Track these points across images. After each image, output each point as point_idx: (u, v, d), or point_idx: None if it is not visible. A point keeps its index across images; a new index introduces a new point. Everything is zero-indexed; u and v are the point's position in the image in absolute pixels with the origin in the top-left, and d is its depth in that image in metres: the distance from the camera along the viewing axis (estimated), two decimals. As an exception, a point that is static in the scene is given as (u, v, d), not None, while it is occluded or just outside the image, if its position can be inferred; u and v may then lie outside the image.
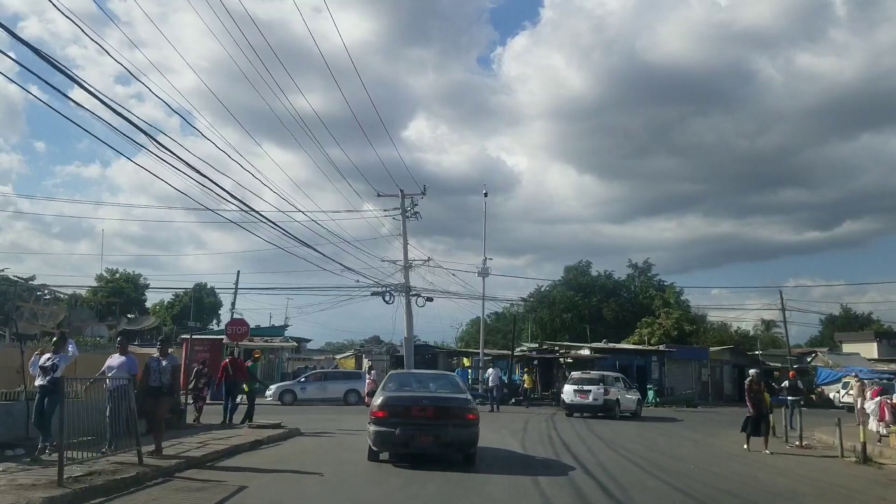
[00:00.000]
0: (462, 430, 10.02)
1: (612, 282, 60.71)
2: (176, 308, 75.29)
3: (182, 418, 15.76)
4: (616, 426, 20.15)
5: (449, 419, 10.01)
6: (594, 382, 23.58)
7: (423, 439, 9.84)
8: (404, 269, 33.77)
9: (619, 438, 16.25)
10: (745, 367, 42.74)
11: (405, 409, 10.08)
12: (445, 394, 10.96)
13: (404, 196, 33.92)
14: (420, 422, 9.92)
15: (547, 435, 16.55)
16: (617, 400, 23.45)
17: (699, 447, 15.38)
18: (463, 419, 10.12)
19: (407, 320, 33.56)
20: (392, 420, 9.91)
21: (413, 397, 10.63)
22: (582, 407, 23.20)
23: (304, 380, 28.97)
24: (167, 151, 10.91)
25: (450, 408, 10.22)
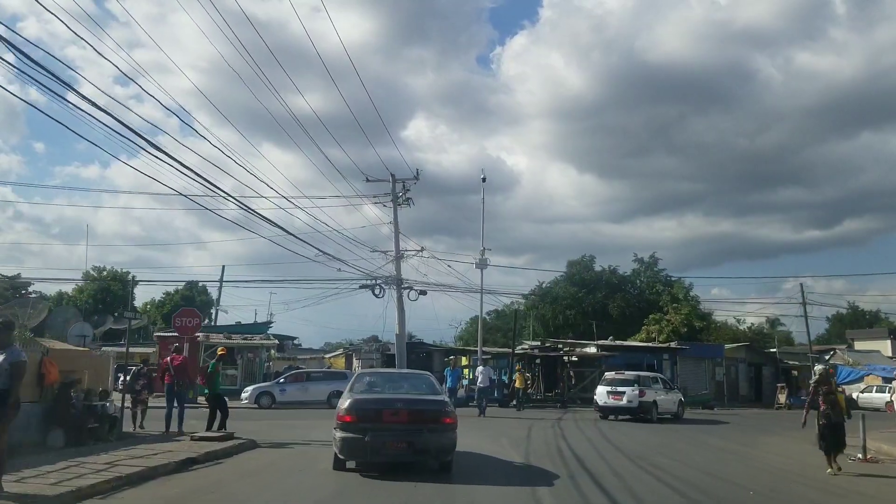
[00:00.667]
0: (439, 435, 9.10)
1: (617, 277, 57.98)
2: (166, 307, 72.93)
3: (116, 427, 13.16)
4: (638, 433, 17.49)
5: (424, 423, 9.10)
6: (628, 383, 22.16)
7: (395, 446, 8.97)
8: (395, 259, 31.14)
9: (644, 449, 13.62)
10: (761, 366, 40.44)
11: (376, 412, 9.17)
12: (420, 395, 10.03)
13: (395, 181, 31.30)
14: (392, 427, 9.04)
15: (555, 446, 13.89)
16: (654, 402, 21.92)
17: (744, 462, 12.69)
18: (439, 423, 9.19)
19: (398, 315, 30.92)
20: (361, 425, 8.94)
21: (384, 399, 9.71)
22: (616, 409, 22.03)
23: (283, 381, 26.36)
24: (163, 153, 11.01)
25: (425, 411, 9.33)
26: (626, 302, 55.84)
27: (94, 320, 56.78)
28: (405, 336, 31.05)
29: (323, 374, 28.06)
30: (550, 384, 34.50)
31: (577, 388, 33.70)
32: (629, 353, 36.98)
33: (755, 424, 22.28)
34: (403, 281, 31.23)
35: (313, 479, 9.22)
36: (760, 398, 38.15)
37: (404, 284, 31.11)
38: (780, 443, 16.10)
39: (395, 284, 30.86)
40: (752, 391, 38.47)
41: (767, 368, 39.38)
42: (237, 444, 11.81)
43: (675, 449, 14.06)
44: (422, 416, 9.20)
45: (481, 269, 33.29)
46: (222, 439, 11.95)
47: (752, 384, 39.13)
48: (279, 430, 16.35)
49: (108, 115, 10.03)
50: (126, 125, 10.64)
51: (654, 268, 58.19)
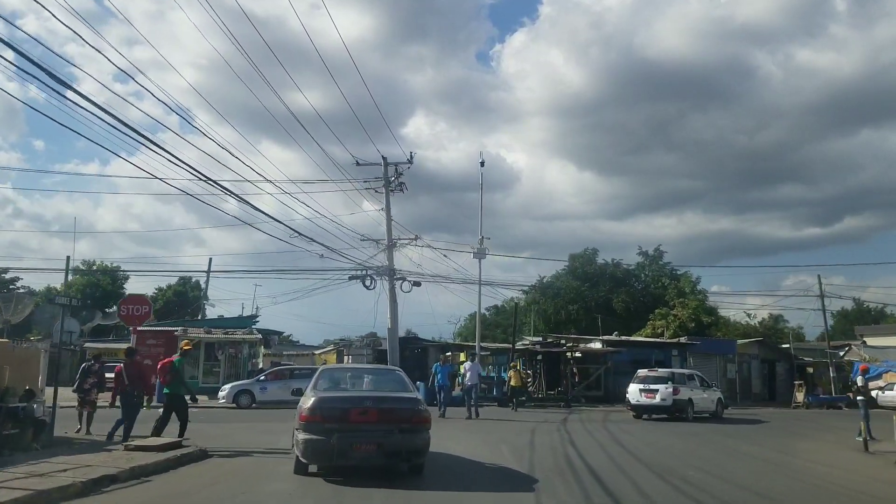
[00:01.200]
0: (412, 436, 8.48)
1: (621, 270, 55.92)
2: (159, 302, 71.23)
3: (44, 433, 11.13)
4: (661, 438, 15.45)
5: (396, 423, 8.46)
6: (662, 381, 21.27)
7: (364, 448, 8.28)
8: (387, 248, 29.10)
9: (669, 458, 11.58)
10: (775, 363, 38.38)
11: (342, 411, 8.45)
12: (390, 393, 9.37)
13: (387, 164, 29.26)
14: (361, 427, 8.37)
15: (562, 452, 11.84)
16: (689, 400, 21.03)
17: (790, 475, 10.63)
18: (411, 423, 8.56)
19: (390, 308, 28.90)
20: (326, 426, 8.25)
21: (352, 398, 9.05)
22: (649, 408, 21.17)
23: (263, 378, 24.31)
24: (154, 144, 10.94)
25: (397, 410, 8.67)
26: (631, 296, 53.86)
27: (82, 316, 54.91)
28: (397, 330, 29.06)
29: (308, 370, 25.89)
30: (553, 382, 32.48)
31: (581, 385, 31.70)
32: (636, 348, 34.98)
33: (783, 426, 20.24)
34: (396, 272, 29.23)
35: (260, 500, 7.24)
36: (774, 396, 36.14)
37: (397, 275, 29.11)
38: (821, 449, 14.12)
39: (387, 275, 28.87)
40: (766, 389, 36.42)
41: (781, 365, 37.33)
42: (179, 455, 9.74)
43: (704, 458, 12.01)
44: (393, 415, 8.52)
45: (479, 260, 31.29)
46: (163, 448, 9.90)
47: (766, 382, 37.08)
48: (250, 434, 14.39)
49: (107, 113, 9.90)
50: (125, 122, 10.40)
51: (658, 261, 56.16)
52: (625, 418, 21.15)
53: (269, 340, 33.84)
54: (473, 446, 12.49)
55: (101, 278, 76.22)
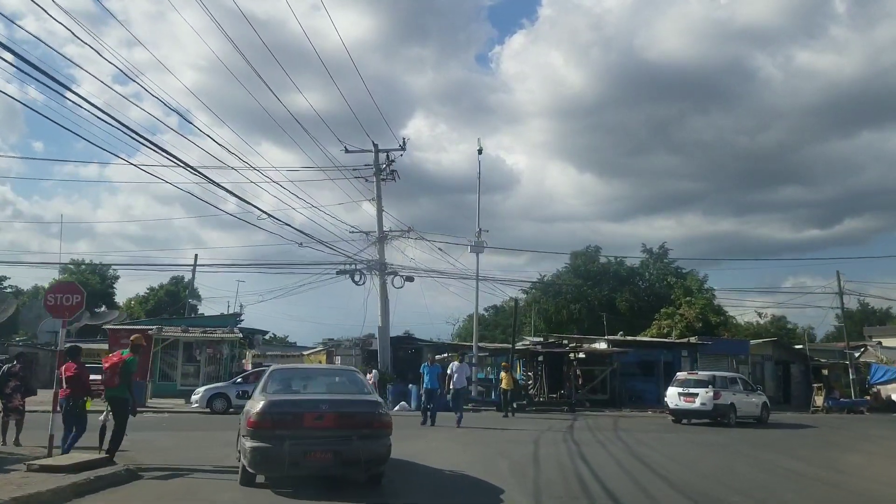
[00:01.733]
0: (372, 442, 7.81)
1: (624, 269, 53.95)
2: (150, 302, 69.43)
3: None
4: (687, 451, 13.45)
5: (354, 428, 7.79)
6: (702, 384, 20.30)
7: (319, 456, 7.58)
8: (378, 240, 27.15)
9: (701, 479, 9.60)
10: (789, 364, 36.39)
11: (296, 416, 7.73)
12: (348, 395, 8.71)
13: (378, 151, 27.36)
14: (316, 433, 7.68)
15: (574, 472, 9.84)
16: (731, 404, 20.09)
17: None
18: (371, 428, 7.93)
19: (381, 305, 27.00)
20: (277, 432, 7.51)
21: (306, 401, 8.30)
22: (689, 412, 20.27)
23: (240, 381, 22.31)
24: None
25: (356, 414, 7.99)
26: (635, 295, 51.94)
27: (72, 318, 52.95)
28: (388, 329, 27.14)
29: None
30: (555, 384, 30.46)
31: (585, 388, 29.71)
32: (643, 349, 33.05)
33: (820, 435, 18.21)
34: (387, 266, 27.29)
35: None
36: (790, 399, 34.12)
37: (388, 269, 27.17)
38: (873, 464, 12.14)
39: (377, 269, 26.93)
40: (781, 392, 34.35)
41: (796, 367, 35.32)
42: (94, 477, 7.73)
43: (744, 478, 10.01)
44: (352, 419, 7.85)
45: (477, 254, 29.33)
46: (76, 469, 7.91)
47: (781, 384, 35.06)
48: (208, 446, 12.40)
49: (107, 115, 9.77)
50: (123, 124, 10.17)
51: (663, 259, 54.20)
52: (636, 425, 19.16)
53: (252, 340, 31.85)
54: (465, 460, 10.54)
55: (90, 277, 74.40)
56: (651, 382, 31.94)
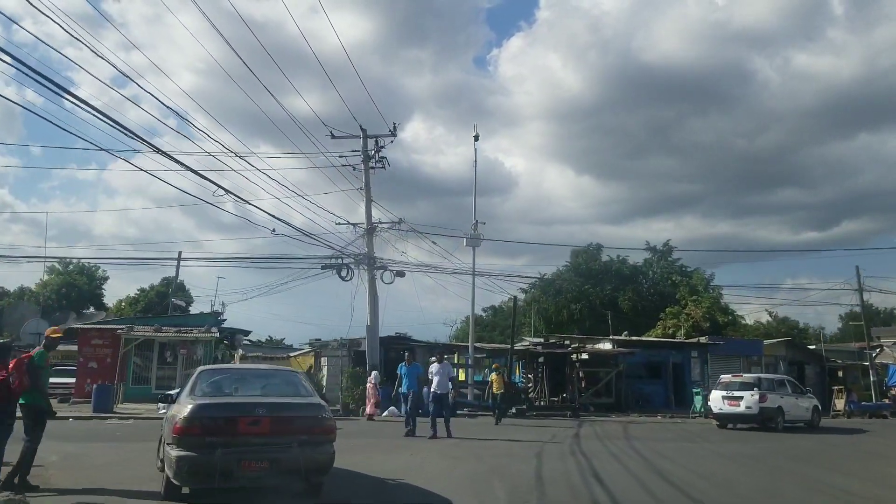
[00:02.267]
0: (313, 449, 7.10)
1: (627, 267, 52.10)
2: (141, 303, 67.50)
3: None
4: (723, 466, 11.52)
5: (294, 435, 7.05)
6: (747, 387, 19.55)
7: (255, 466, 6.85)
8: (367, 232, 25.20)
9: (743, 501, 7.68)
10: (804, 365, 34.53)
11: (229, 421, 6.95)
12: (286, 398, 7.74)
13: (367, 137, 25.41)
14: (251, 440, 6.95)
15: (587, 497, 7.92)
16: (779, 408, 19.27)
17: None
18: (313, 434, 7.19)
19: (370, 302, 25.02)
20: (208, 439, 6.75)
21: (241, 404, 7.41)
22: (733, 417, 19.49)
23: (212, 383, 20.34)
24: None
25: (296, 418, 7.24)
26: (638, 295, 50.11)
27: (55, 317, 51.05)
28: (378, 327, 25.13)
29: (268, 374, 22.05)
30: (556, 387, 28.52)
31: (589, 392, 27.78)
32: (651, 350, 31.17)
33: (859, 444, 16.31)
34: (376, 260, 25.34)
35: None
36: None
37: (377, 264, 25.22)
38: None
39: (365, 264, 24.98)
40: (795, 395, 32.43)
41: (811, 368, 33.43)
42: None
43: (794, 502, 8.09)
44: (291, 425, 7.25)
45: (473, 248, 27.40)
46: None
47: (795, 387, 33.12)
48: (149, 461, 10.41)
49: (104, 116, 9.92)
50: (119, 124, 10.25)
51: (668, 257, 52.35)
52: (649, 432, 17.24)
53: (234, 340, 29.88)
54: (451, 482, 8.63)
55: (78, 278, 72.52)
56: (659, 385, 30.07)
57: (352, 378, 23.57)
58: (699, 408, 25.02)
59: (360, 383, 23.16)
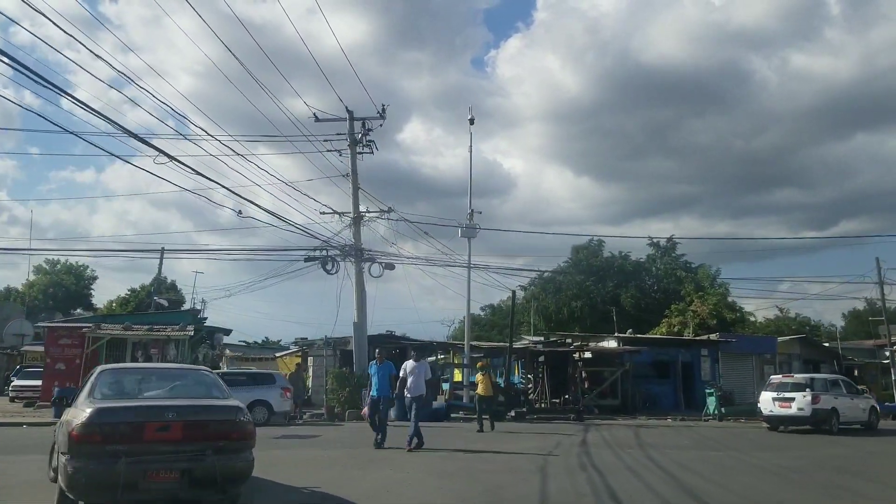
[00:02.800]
0: (229, 457, 6.51)
1: (630, 263, 50.29)
2: (131, 304, 65.68)
3: None
4: (764, 481, 9.71)
5: (208, 441, 6.44)
6: (799, 388, 18.84)
7: (163, 477, 6.25)
8: (353, 221, 23.39)
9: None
10: (819, 364, 32.76)
11: (134, 427, 6.31)
12: (200, 400, 7.13)
13: (353, 119, 23.61)
14: (159, 447, 6.31)
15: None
16: (833, 409, 18.50)
17: None
18: (230, 439, 6.59)
19: (357, 296, 23.21)
20: (109, 447, 6.08)
21: (149, 408, 6.72)
22: (785, 419, 18.87)
23: (180, 385, 18.53)
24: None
25: (211, 423, 6.61)
26: (642, 291, 48.28)
27: (41, 318, 49.19)
28: (366, 325, 23.32)
29: (245, 376, 20.24)
30: (558, 388, 26.73)
31: (593, 393, 25.99)
32: (658, 348, 29.39)
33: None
34: (364, 252, 23.53)
35: None
36: (820, 403, 30.39)
37: (365, 255, 23.41)
38: None
39: (352, 256, 23.17)
40: (811, 395, 30.62)
41: (826, 367, 31.62)
42: None
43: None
44: (205, 430, 6.49)
45: (469, 239, 25.64)
46: None
47: (811, 386, 31.32)
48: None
49: (103, 117, 9.97)
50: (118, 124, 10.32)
51: (671, 253, 50.54)
52: (663, 438, 15.42)
53: (213, 339, 28.06)
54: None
55: (65, 278, 70.73)
56: (667, 385, 28.28)
57: (337, 379, 21.70)
58: (712, 410, 23.22)
59: (346, 385, 21.33)
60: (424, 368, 13.08)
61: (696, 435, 16.82)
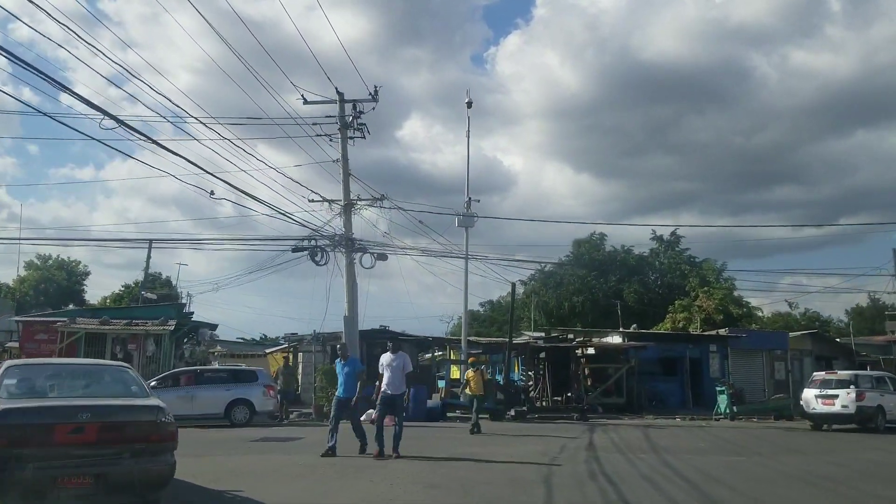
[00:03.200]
0: (148, 461, 6.17)
1: (633, 258, 49.01)
2: (124, 300, 64.51)
3: None
4: (789, 484, 8.45)
5: (125, 443, 6.11)
6: (843, 384, 18.36)
7: (75, 482, 5.85)
8: (344, 209, 22.08)
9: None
10: (832, 360, 31.48)
11: (43, 429, 5.89)
12: (117, 399, 6.69)
13: (343, 101, 22.28)
14: (72, 451, 5.91)
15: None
16: (878, 407, 18.09)
17: None
18: (149, 442, 6.23)
19: (348, 289, 21.88)
20: (16, 451, 5.65)
21: (60, 408, 6.28)
22: (828, 417, 18.43)
23: (154, 384, 17.25)
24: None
25: (128, 424, 6.26)
26: (645, 286, 47.00)
27: (32, 314, 47.99)
28: (357, 319, 21.98)
29: (225, 373, 18.96)
30: (560, 386, 25.49)
31: (597, 391, 24.73)
32: (664, 343, 28.17)
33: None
34: (355, 242, 22.22)
35: None
36: (832, 402, 29.15)
37: (356, 245, 22.10)
38: None
39: (342, 246, 21.87)
40: (823, 393, 29.35)
41: (839, 363, 30.38)
42: None
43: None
44: (123, 431, 6.15)
45: (466, 228, 24.38)
46: None
47: (822, 384, 30.07)
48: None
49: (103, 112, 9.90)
50: (118, 119, 10.21)
51: (675, 247, 49.24)
52: (676, 440, 14.17)
53: (199, 335, 26.81)
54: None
55: (57, 273, 69.50)
56: (674, 383, 27.01)
57: (326, 376, 20.40)
58: (723, 409, 21.97)
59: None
60: (403, 361, 11.26)
61: (711, 436, 15.56)
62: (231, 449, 11.96)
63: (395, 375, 11.03)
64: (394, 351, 11.37)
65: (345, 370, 11.25)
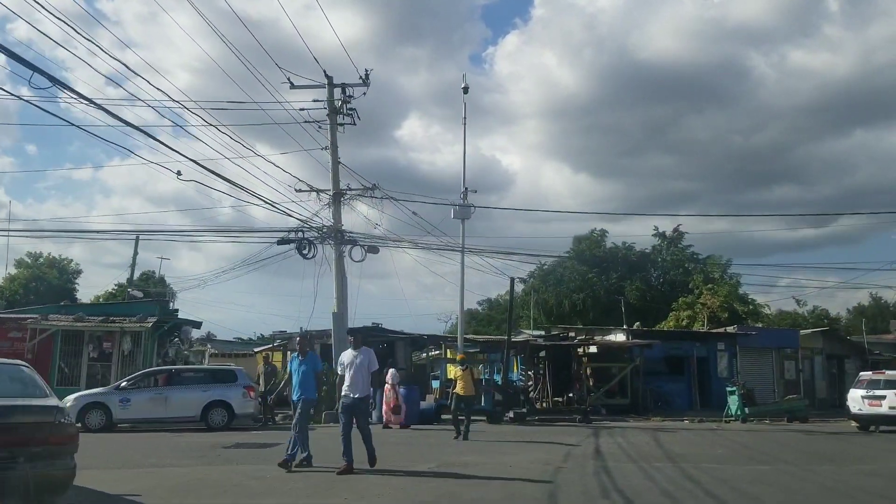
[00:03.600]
0: (46, 464, 5.86)
1: (635, 254, 47.80)
2: (118, 298, 63.25)
3: None
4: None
5: (21, 445, 5.75)
6: (891, 385, 17.65)
7: None
8: (333, 200, 20.87)
9: None
10: (843, 359, 30.34)
11: None
12: (11, 399, 6.19)
13: (332, 85, 21.09)
14: None
15: None
16: None
17: None
18: (48, 444, 5.92)
19: (337, 284, 20.73)
20: None
21: None
22: (875, 419, 17.92)
23: (125, 385, 16.06)
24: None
25: (23, 425, 5.90)
26: (647, 284, 45.79)
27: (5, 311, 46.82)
28: (346, 316, 20.82)
29: (203, 373, 17.75)
30: (561, 386, 24.30)
31: (600, 391, 23.55)
32: (669, 342, 26.94)
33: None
34: (345, 234, 21.02)
35: None
36: (843, 402, 27.89)
37: (346, 237, 20.90)
38: None
39: (331, 238, 20.67)
40: (836, 393, 28.04)
41: (852, 362, 29.22)
42: None
43: None
44: (16, 433, 5.81)
45: (462, 220, 23.13)
46: None
47: (835, 384, 28.87)
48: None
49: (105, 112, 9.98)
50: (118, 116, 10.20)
51: (678, 243, 48.02)
52: (691, 445, 12.97)
53: (182, 333, 25.57)
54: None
55: (48, 271, 68.25)
56: (681, 383, 25.78)
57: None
58: (734, 410, 20.74)
59: (321, 383, 18.83)
60: (368, 358, 9.56)
61: (726, 440, 14.35)
62: (197, 457, 10.73)
63: (360, 375, 9.31)
64: (356, 346, 9.64)
65: (301, 368, 9.65)
